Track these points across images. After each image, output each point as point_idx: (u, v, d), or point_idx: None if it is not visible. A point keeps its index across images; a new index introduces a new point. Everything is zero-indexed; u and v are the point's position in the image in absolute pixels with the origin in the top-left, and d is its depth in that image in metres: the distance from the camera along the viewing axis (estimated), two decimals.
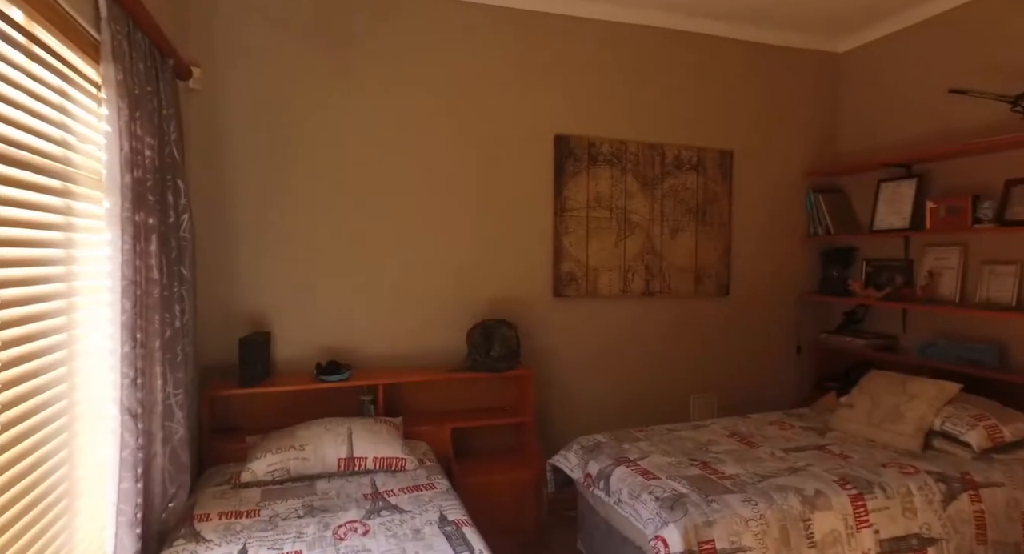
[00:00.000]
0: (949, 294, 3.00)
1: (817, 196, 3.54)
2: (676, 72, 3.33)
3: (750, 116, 3.49)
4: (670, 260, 3.32)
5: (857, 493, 2.11)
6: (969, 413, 2.43)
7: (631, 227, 3.24)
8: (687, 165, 3.35)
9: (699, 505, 1.96)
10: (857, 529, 2.06)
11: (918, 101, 3.21)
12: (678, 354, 3.38)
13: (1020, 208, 2.68)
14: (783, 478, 2.17)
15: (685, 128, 3.36)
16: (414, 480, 2.14)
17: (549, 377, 3.14)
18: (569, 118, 3.13)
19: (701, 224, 3.39)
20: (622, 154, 3.21)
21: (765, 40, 3.49)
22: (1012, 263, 2.75)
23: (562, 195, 3.11)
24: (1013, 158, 2.77)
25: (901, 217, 3.17)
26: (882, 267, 3.39)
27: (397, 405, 2.80)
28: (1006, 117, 2.72)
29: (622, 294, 3.23)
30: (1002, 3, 2.82)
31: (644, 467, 2.27)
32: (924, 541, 2.11)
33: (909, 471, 2.25)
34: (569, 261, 3.13)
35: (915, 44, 3.23)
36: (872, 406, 2.70)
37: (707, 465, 2.30)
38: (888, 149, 3.37)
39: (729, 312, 3.48)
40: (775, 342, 3.60)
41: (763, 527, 1.95)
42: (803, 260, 3.66)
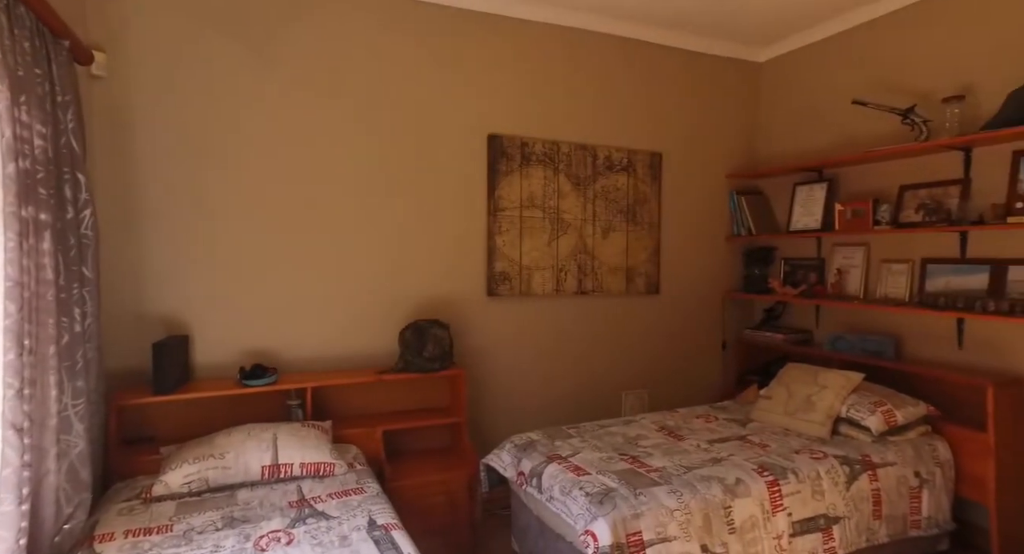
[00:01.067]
0: (855, 290, 3.21)
1: (740, 198, 3.71)
2: (608, 75, 3.40)
3: (678, 120, 3.62)
4: (602, 259, 3.39)
5: (773, 479, 2.22)
6: (870, 400, 2.61)
7: (564, 227, 3.29)
8: (618, 166, 3.43)
9: (627, 498, 2.01)
10: (773, 513, 2.17)
11: (828, 110, 3.42)
12: (610, 351, 3.46)
13: (911, 211, 2.91)
14: (707, 469, 2.26)
15: (616, 130, 3.44)
16: (343, 485, 2.08)
17: (483, 376, 3.14)
18: (502, 117, 3.14)
19: (632, 224, 3.48)
20: (555, 154, 3.25)
21: (693, 47, 3.62)
22: (906, 262, 2.98)
23: (495, 194, 3.11)
24: (905, 166, 3.01)
25: (814, 219, 3.37)
26: (798, 265, 3.59)
27: (327, 408, 2.72)
28: (900, 128, 2.95)
29: (555, 293, 3.27)
30: (894, 27, 3.05)
31: (575, 463, 2.31)
32: (830, 520, 2.26)
33: (818, 456, 2.39)
34: (503, 261, 3.14)
35: (824, 57, 3.44)
36: (788, 397, 2.85)
37: (636, 459, 2.36)
38: (802, 154, 3.57)
39: (659, 310, 3.59)
40: (702, 338, 3.75)
41: (687, 516, 2.02)
42: (728, 259, 3.83)
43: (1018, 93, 2.41)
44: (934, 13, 2.89)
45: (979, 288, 2.67)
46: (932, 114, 2.81)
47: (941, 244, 2.86)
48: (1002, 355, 2.63)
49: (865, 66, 3.22)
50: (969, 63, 2.75)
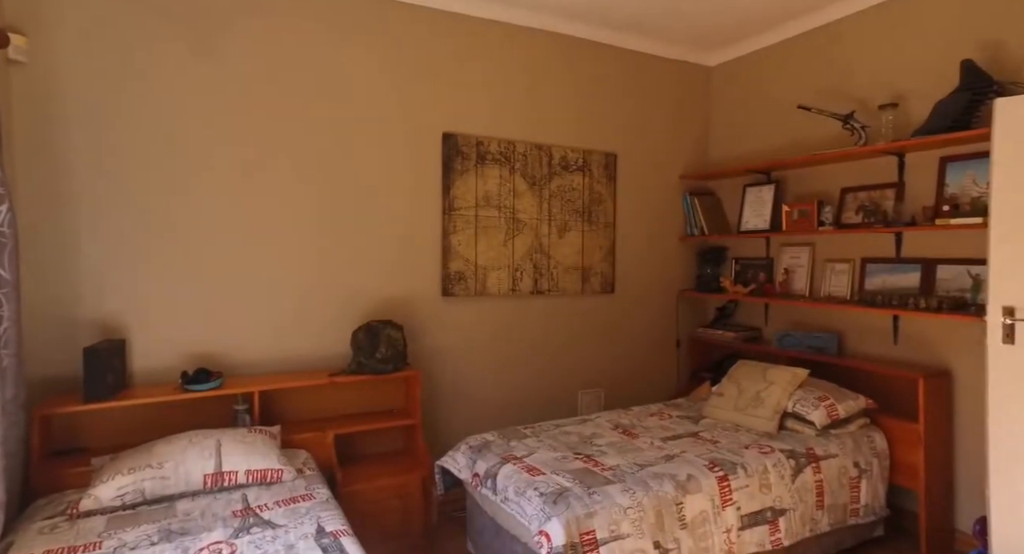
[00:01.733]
0: (801, 289, 3.33)
1: (693, 199, 3.79)
2: (565, 76, 3.41)
3: (632, 121, 3.67)
4: (558, 259, 3.40)
5: (723, 474, 2.27)
6: (814, 395, 2.70)
7: (519, 226, 3.28)
8: (573, 166, 3.45)
9: (581, 498, 2.01)
10: (723, 507, 2.22)
11: (775, 114, 3.53)
12: (566, 351, 3.47)
13: (852, 213, 3.03)
14: (659, 466, 2.29)
15: (572, 130, 3.45)
16: (291, 492, 2.02)
17: (438, 378, 3.10)
18: (457, 116, 3.11)
19: (587, 224, 3.50)
20: (510, 154, 3.24)
21: (647, 50, 3.68)
22: (848, 261, 3.11)
23: (450, 194, 3.08)
24: (846, 169, 3.13)
25: (763, 219, 3.46)
26: (748, 265, 3.69)
27: (276, 413, 2.63)
28: (841, 133, 3.06)
29: (511, 293, 3.26)
30: (835, 36, 3.17)
31: (530, 464, 2.30)
32: (776, 512, 2.32)
33: (766, 450, 2.46)
34: (458, 260, 3.11)
35: (772, 63, 3.55)
36: (738, 393, 2.92)
37: (590, 458, 2.37)
38: (751, 157, 3.67)
39: (615, 309, 3.63)
40: (657, 337, 3.81)
41: (640, 514, 2.04)
42: (681, 259, 3.90)
43: (943, 103, 2.53)
44: (871, 25, 3.02)
45: (912, 286, 2.80)
46: (869, 120, 2.93)
47: (879, 244, 2.98)
48: (932, 349, 2.77)
49: (809, 73, 3.33)
50: (902, 73, 2.88)
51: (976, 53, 2.60)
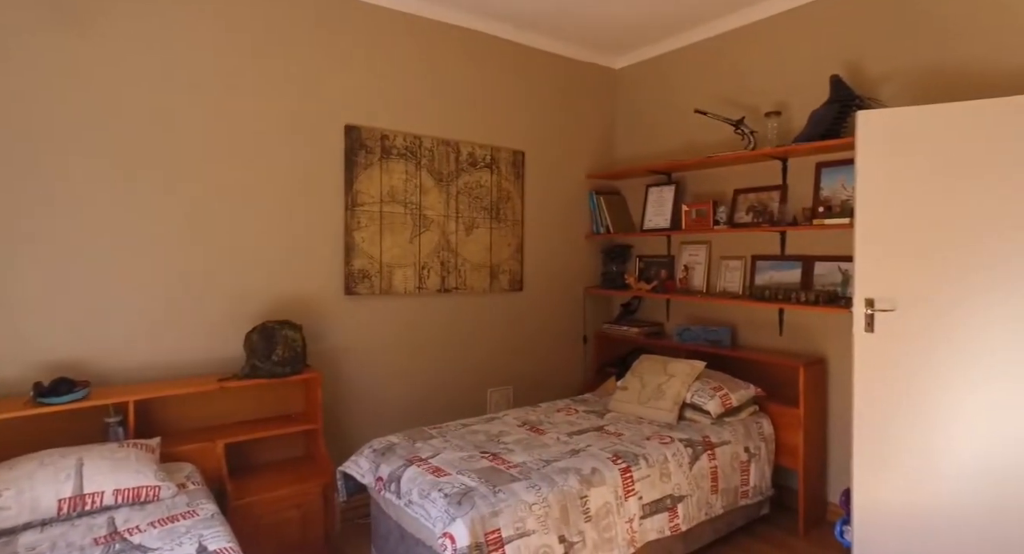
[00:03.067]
0: (699, 285, 3.50)
1: (599, 197, 3.88)
2: (473, 72, 3.38)
3: (541, 120, 3.70)
4: (465, 257, 3.37)
5: (626, 466, 2.33)
6: (710, 386, 2.85)
7: (426, 223, 3.22)
8: (481, 163, 3.42)
9: (486, 497, 1.99)
10: (625, 498, 2.28)
11: (676, 117, 3.68)
12: (475, 349, 3.45)
13: (743, 213, 3.22)
14: (565, 461, 2.32)
15: (480, 127, 3.43)
16: (170, 510, 1.84)
17: (341, 380, 2.97)
18: (361, 108, 2.99)
19: (495, 221, 3.49)
20: (417, 149, 3.17)
21: (555, 50, 3.72)
22: (740, 258, 3.30)
23: (353, 188, 2.96)
24: (738, 171, 3.33)
25: (664, 218, 3.61)
26: (651, 262, 3.84)
27: (158, 424, 2.41)
28: (733, 137, 3.25)
29: (418, 291, 3.19)
30: (729, 46, 3.36)
31: (435, 465, 2.25)
32: (675, 499, 2.42)
33: (666, 441, 2.56)
34: (362, 258, 3.00)
35: (672, 68, 3.71)
36: (641, 387, 3.02)
37: (497, 456, 2.36)
38: (653, 157, 3.82)
39: (523, 306, 3.65)
40: (565, 333, 3.87)
41: (545, 509, 2.05)
42: (588, 257, 3.99)
43: (816, 113, 2.75)
44: (758, 38, 3.22)
45: (794, 282, 3.02)
46: (757, 126, 3.13)
47: (766, 242, 3.19)
48: (811, 339, 3.00)
49: (706, 79, 3.51)
50: (784, 84, 3.10)
51: (843, 70, 2.84)
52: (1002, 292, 2.18)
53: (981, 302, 2.20)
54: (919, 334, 2.28)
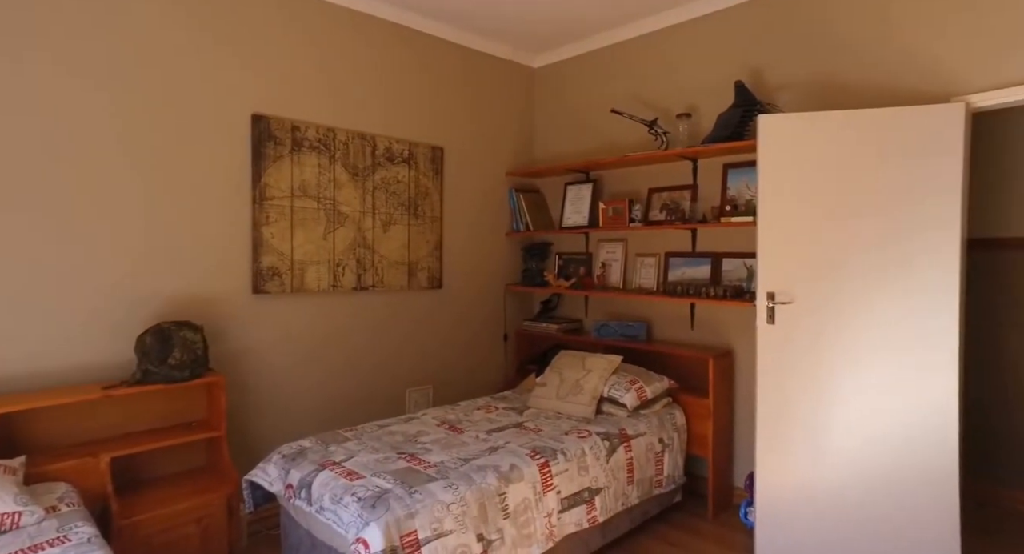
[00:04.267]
0: (616, 281, 3.58)
1: (518, 195, 3.89)
2: (391, 65, 3.29)
3: (460, 116, 3.66)
4: (383, 253, 3.28)
5: (544, 461, 2.34)
6: (626, 379, 2.92)
7: (341, 219, 3.10)
8: (399, 158, 3.34)
9: (402, 498, 1.93)
10: (544, 493, 2.28)
11: (594, 117, 3.76)
12: (393, 348, 3.36)
13: (657, 211, 3.33)
14: (484, 458, 2.30)
15: (397, 121, 3.34)
16: (33, 538, 1.64)
17: (249, 383, 2.80)
18: (270, 97, 2.83)
19: (413, 218, 3.42)
20: (330, 142, 3.04)
21: (475, 47, 3.69)
22: (654, 255, 3.42)
23: (262, 182, 2.80)
24: (652, 171, 3.44)
25: (582, 216, 3.67)
26: (570, 260, 3.89)
27: (29, 440, 2.17)
28: (648, 137, 3.36)
29: (332, 289, 3.06)
30: (642, 49, 3.47)
31: (349, 468, 2.17)
32: (593, 492, 2.46)
33: (584, 435, 2.59)
34: (271, 254, 2.84)
35: (590, 69, 3.78)
36: (560, 382, 3.05)
37: (414, 457, 2.30)
38: (572, 156, 3.88)
39: (442, 304, 3.60)
40: (485, 331, 3.85)
41: (463, 508, 2.01)
42: (508, 254, 3.99)
43: (723, 116, 2.88)
44: (670, 42, 3.34)
45: (704, 277, 3.16)
46: (670, 127, 3.24)
47: (679, 240, 3.32)
48: (720, 332, 3.15)
49: (623, 80, 3.60)
50: (694, 87, 3.24)
51: (746, 76, 3.00)
52: (880, 283, 2.37)
53: (863, 293, 2.39)
54: (813, 324, 2.45)
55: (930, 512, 2.34)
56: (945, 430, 2.32)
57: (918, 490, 2.35)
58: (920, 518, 2.35)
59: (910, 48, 2.52)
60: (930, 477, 2.34)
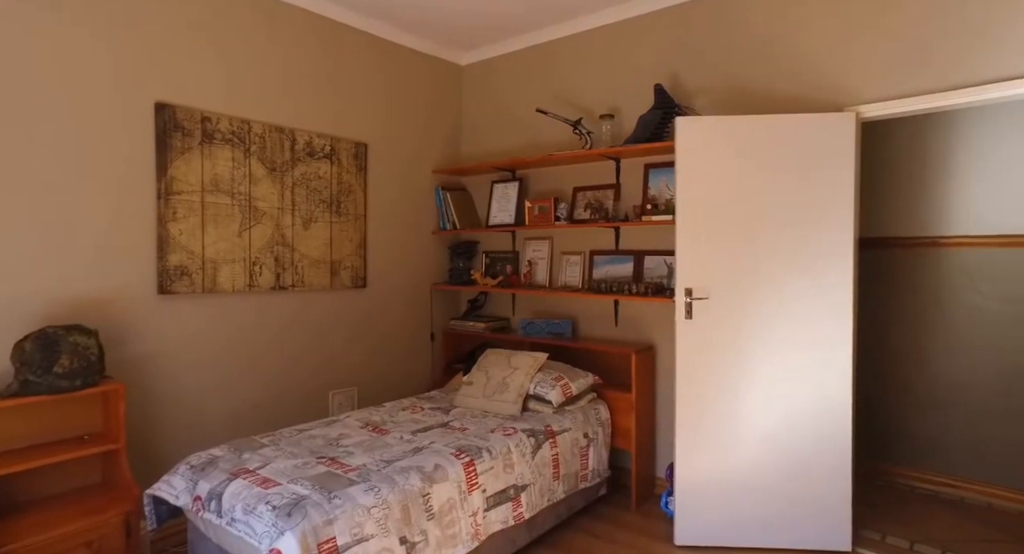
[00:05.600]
0: (542, 280, 3.62)
1: (445, 193, 3.85)
2: (313, 57, 3.17)
3: (385, 112, 3.58)
4: (303, 252, 3.15)
5: (469, 460, 2.32)
6: (552, 376, 2.95)
7: (258, 216, 2.95)
8: (320, 153, 3.22)
9: (320, 505, 1.86)
10: (469, 492, 2.26)
11: (520, 116, 3.78)
12: (315, 350, 3.24)
13: (582, 209, 3.39)
14: (407, 459, 2.25)
15: (318, 115, 3.22)
16: None
17: (154, 390, 2.61)
18: (176, 85, 2.65)
19: (336, 215, 3.31)
20: (245, 135, 2.89)
21: (401, 42, 3.62)
22: (579, 253, 3.48)
23: (168, 175, 2.62)
24: (577, 170, 3.50)
25: (509, 214, 3.68)
26: (497, 258, 3.89)
27: None
28: (572, 137, 3.41)
29: (248, 289, 2.91)
30: (568, 50, 3.52)
31: (264, 476, 2.06)
32: (519, 489, 2.46)
33: (509, 432, 2.60)
34: (180, 252, 2.66)
35: (516, 68, 3.80)
36: (487, 381, 3.04)
37: (335, 461, 2.22)
38: (498, 154, 3.88)
39: (367, 304, 3.50)
40: (412, 331, 3.78)
41: (385, 511, 1.96)
42: (434, 253, 3.94)
43: (643, 118, 2.98)
44: (593, 44, 3.41)
45: (627, 275, 3.25)
46: (594, 128, 3.31)
47: (603, 238, 3.39)
48: (642, 328, 3.24)
49: (548, 80, 3.63)
50: (617, 89, 3.32)
51: (665, 80, 3.11)
52: (785, 279, 2.52)
53: (771, 288, 2.53)
54: (728, 318, 2.56)
55: (827, 487, 2.52)
56: (840, 415, 2.50)
57: (817, 468, 2.53)
58: (818, 493, 2.53)
59: (813, 61, 2.69)
60: (827, 457, 2.52)
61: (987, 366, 3.15)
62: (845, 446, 2.50)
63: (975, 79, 2.32)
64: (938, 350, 3.29)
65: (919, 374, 3.35)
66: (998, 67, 2.28)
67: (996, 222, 3.13)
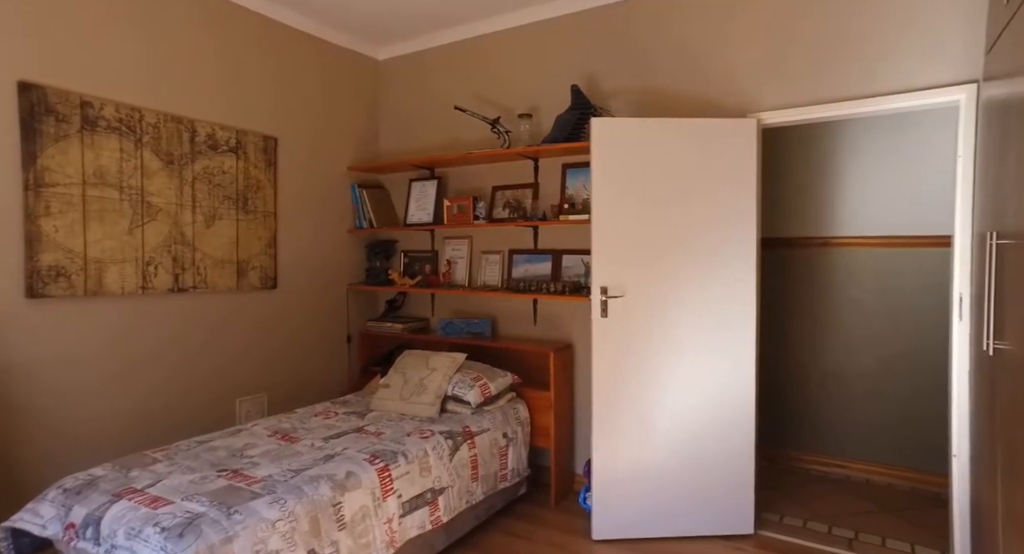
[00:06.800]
0: (462, 279, 3.58)
1: (362, 191, 3.73)
2: (215, 44, 2.96)
3: (296, 105, 3.41)
4: (206, 251, 2.94)
5: (384, 465, 2.25)
6: (470, 376, 2.92)
7: (152, 212, 2.72)
8: (224, 147, 3.02)
9: (218, 522, 1.73)
10: (384, 499, 2.19)
11: (439, 113, 3.71)
12: (220, 355, 3.03)
13: (500, 208, 3.39)
14: (318, 468, 2.14)
15: (222, 105, 3.02)
16: None
17: (22, 406, 2.35)
18: (46, 63, 2.40)
19: (243, 213, 3.12)
20: (136, 123, 2.66)
21: (314, 33, 3.46)
22: (499, 252, 3.47)
23: (38, 165, 2.36)
24: (496, 169, 3.49)
25: (427, 213, 3.61)
26: (416, 257, 3.81)
27: None
28: (491, 135, 3.39)
29: (141, 292, 2.68)
30: (486, 48, 3.50)
31: (155, 494, 1.89)
32: (436, 492, 2.42)
33: (427, 435, 2.54)
34: (55, 251, 2.41)
35: (436, 64, 3.73)
36: (404, 383, 2.97)
37: (238, 473, 2.08)
38: (417, 152, 3.80)
39: (278, 306, 3.33)
40: (327, 333, 3.63)
41: (292, 524, 1.86)
42: (351, 252, 3.80)
43: (560, 118, 3.01)
44: (511, 44, 3.41)
45: (546, 274, 3.27)
46: (512, 127, 3.31)
47: (522, 237, 3.40)
48: (560, 327, 3.28)
49: (467, 78, 3.60)
50: (535, 89, 3.33)
51: (582, 81, 3.16)
52: (695, 276, 2.62)
53: (682, 285, 2.62)
54: (641, 316, 2.63)
55: (732, 475, 2.66)
56: (745, 406, 2.63)
57: (724, 457, 2.65)
58: (725, 481, 2.66)
59: (720, 68, 2.82)
60: (733, 446, 2.65)
61: (868, 355, 3.43)
62: (749, 435, 2.64)
63: (861, 92, 2.51)
64: (828, 341, 3.55)
65: (812, 364, 3.60)
66: (881, 82, 2.47)
67: (877, 224, 3.41)
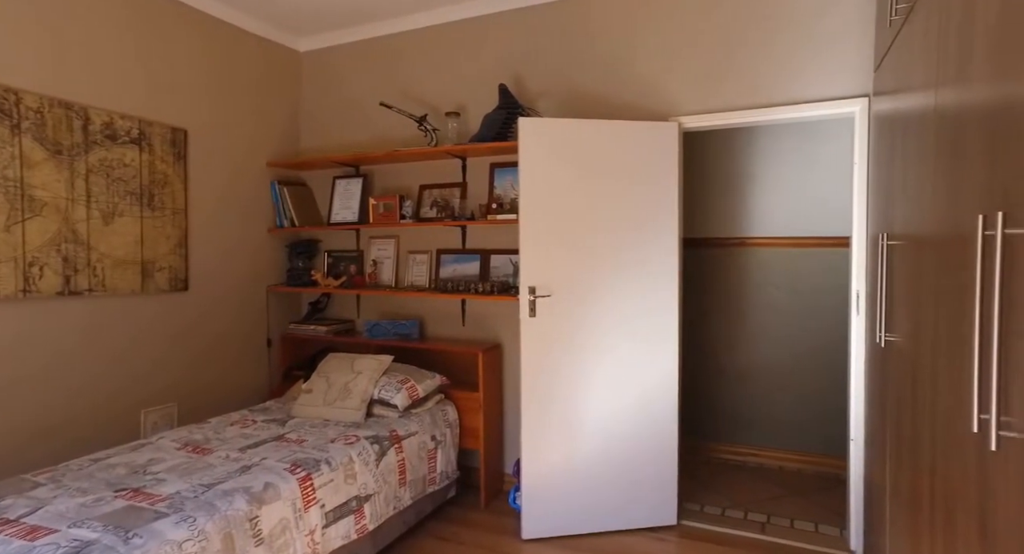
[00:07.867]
0: (388, 279, 3.49)
1: (282, 188, 3.55)
2: (120, 25, 2.72)
3: (209, 96, 3.20)
4: (104, 251, 2.70)
5: (306, 474, 2.15)
6: (397, 379, 2.84)
7: (36, 207, 2.47)
8: (125, 137, 2.79)
9: (113, 548, 1.58)
10: (306, 509, 2.09)
11: (365, 109, 3.60)
12: (121, 363, 2.80)
13: (428, 208, 3.33)
14: (232, 481, 2.02)
15: (123, 94, 2.79)
16: None
17: None
18: None
19: (148, 209, 2.89)
20: (11, 108, 2.40)
21: (229, 19, 3.26)
22: (426, 252, 3.40)
23: None
24: (423, 167, 3.43)
25: (352, 212, 3.50)
26: (340, 258, 3.68)
27: None
28: (418, 133, 3.33)
29: (23, 295, 2.42)
30: (412, 45, 3.43)
31: (33, 524, 1.71)
32: (361, 500, 2.34)
33: (351, 440, 2.45)
34: None
35: (360, 58, 3.61)
36: (328, 387, 2.85)
37: (139, 492, 1.92)
38: (341, 149, 3.67)
39: (189, 309, 3.11)
40: (244, 337, 3.44)
41: (202, 544, 1.73)
42: (271, 252, 3.62)
43: (488, 117, 2.99)
44: (438, 41, 3.36)
45: (474, 274, 3.24)
46: (439, 125, 3.25)
47: (450, 237, 3.35)
48: (488, 327, 3.26)
49: (394, 73, 3.50)
50: (462, 87, 3.30)
51: (510, 80, 3.15)
52: (620, 276, 2.67)
53: (608, 284, 2.67)
54: (568, 315, 2.65)
55: (656, 469, 2.73)
56: (668, 401, 2.71)
57: (648, 452, 2.72)
58: (649, 475, 2.73)
59: (643, 72, 2.88)
60: (657, 441, 2.72)
61: (780, 349, 3.63)
62: (672, 429, 2.72)
63: (768, 101, 2.64)
64: (744, 336, 3.73)
65: (729, 358, 3.77)
66: (785, 93, 2.61)
67: (787, 225, 3.61)
